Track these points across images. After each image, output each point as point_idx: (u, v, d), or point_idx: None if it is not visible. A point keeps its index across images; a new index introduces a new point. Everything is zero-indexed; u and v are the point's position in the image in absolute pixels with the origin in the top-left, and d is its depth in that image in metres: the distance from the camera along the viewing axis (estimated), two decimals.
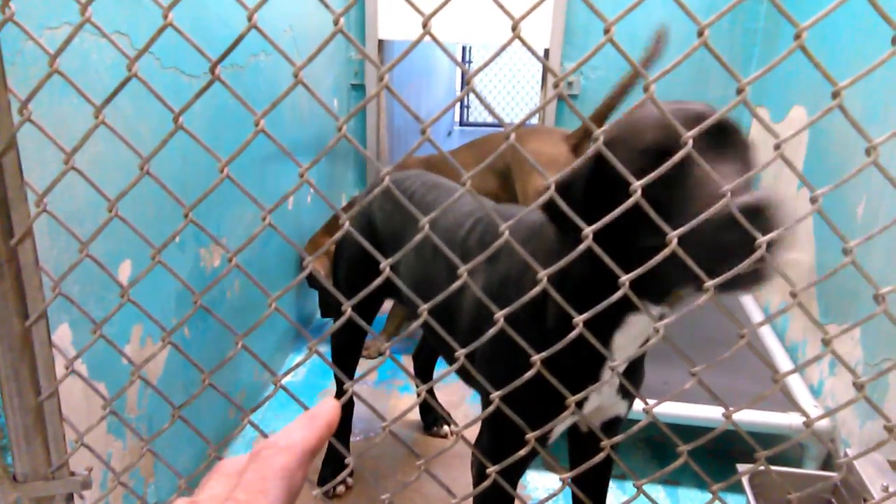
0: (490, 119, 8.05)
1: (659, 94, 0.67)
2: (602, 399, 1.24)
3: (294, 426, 0.44)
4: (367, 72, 3.31)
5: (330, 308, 2.95)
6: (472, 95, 7.90)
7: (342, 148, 3.28)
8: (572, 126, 2.95)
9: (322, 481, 2.02)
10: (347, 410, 2.01)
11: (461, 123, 8.11)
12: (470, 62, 8.08)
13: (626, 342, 1.10)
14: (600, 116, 2.37)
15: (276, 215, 2.38)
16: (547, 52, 3.18)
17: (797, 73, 2.68)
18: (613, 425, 1.33)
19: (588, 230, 0.71)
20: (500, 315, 0.77)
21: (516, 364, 0.78)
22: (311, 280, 2.83)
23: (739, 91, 0.64)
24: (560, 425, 1.25)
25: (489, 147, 2.61)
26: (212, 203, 1.87)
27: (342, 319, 0.77)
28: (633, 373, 1.26)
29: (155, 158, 0.76)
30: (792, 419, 1.95)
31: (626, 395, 1.27)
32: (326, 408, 0.46)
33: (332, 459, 2.05)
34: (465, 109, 8.16)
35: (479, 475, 1.37)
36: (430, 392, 2.36)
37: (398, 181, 1.73)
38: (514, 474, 1.30)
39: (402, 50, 4.40)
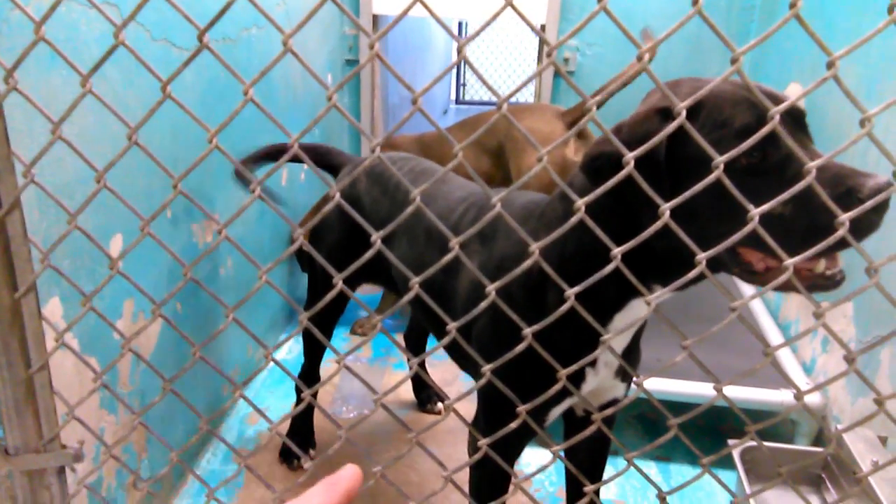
0: (486, 97, 8.00)
1: (655, 71, 0.67)
2: (600, 380, 1.23)
3: (314, 491, 0.44)
4: (361, 47, 3.28)
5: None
6: (468, 74, 7.86)
7: (336, 125, 3.26)
8: (569, 104, 2.94)
9: (285, 454, 2.04)
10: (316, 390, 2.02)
11: (457, 102, 8.07)
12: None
13: (624, 325, 1.10)
14: (599, 101, 2.34)
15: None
16: (543, 27, 3.15)
17: (794, 50, 2.66)
18: (610, 408, 1.33)
19: (581, 202, 0.71)
20: (491, 287, 0.76)
21: (514, 344, 0.78)
22: (303, 263, 2.81)
23: (734, 61, 0.63)
24: (557, 407, 1.24)
25: (482, 125, 2.58)
26: (204, 180, 1.86)
27: (333, 292, 0.77)
28: (630, 354, 1.26)
29: (146, 133, 0.75)
30: (784, 396, 1.96)
31: (625, 377, 1.27)
32: (347, 474, 0.46)
33: (296, 432, 2.06)
34: (462, 88, 8.11)
35: (479, 462, 1.36)
36: (424, 369, 2.36)
37: (384, 166, 1.68)
38: (511, 454, 1.30)
39: (396, 26, 4.36)
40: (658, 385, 1.98)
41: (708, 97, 0.93)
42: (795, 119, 0.96)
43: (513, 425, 0.83)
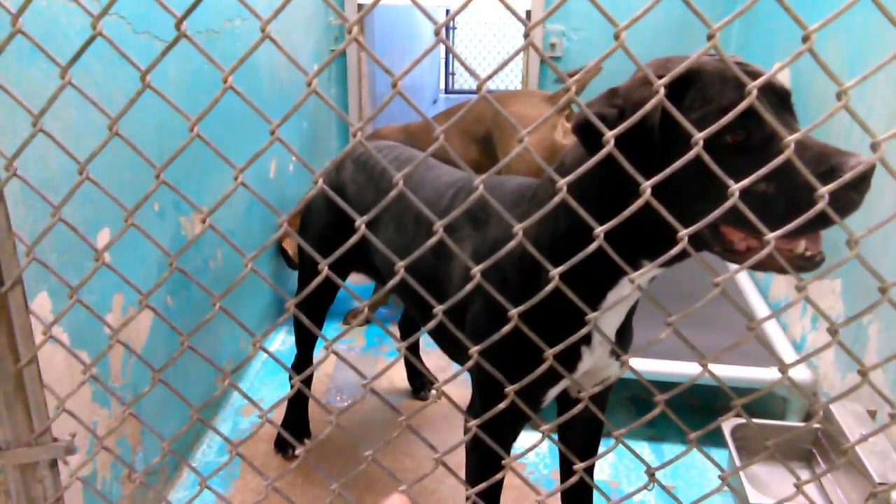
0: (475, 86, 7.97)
1: (640, 53, 0.67)
2: (596, 359, 1.24)
3: None
4: (346, 37, 3.27)
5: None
6: (456, 63, 7.83)
7: (324, 117, 3.25)
8: (556, 88, 2.93)
9: (280, 444, 2.05)
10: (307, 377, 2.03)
11: (446, 91, 8.04)
12: (454, 28, 7.98)
13: (617, 301, 1.10)
14: (580, 84, 2.33)
15: (257, 184, 2.36)
16: (529, 13, 3.15)
17: (779, 30, 2.67)
18: (605, 388, 1.33)
19: (562, 182, 0.71)
20: (476, 270, 0.76)
21: (509, 330, 0.78)
22: (290, 261, 2.79)
23: (710, 37, 0.63)
24: (553, 388, 1.25)
25: (469, 113, 2.56)
26: (191, 172, 1.85)
27: (319, 278, 0.77)
28: (623, 332, 1.27)
29: (131, 127, 0.75)
30: (775, 373, 1.97)
31: (619, 356, 1.28)
32: None
33: (291, 422, 2.07)
34: (451, 77, 8.08)
35: (475, 442, 1.36)
36: (418, 357, 2.36)
37: (368, 154, 1.67)
38: (506, 437, 1.31)
39: (383, 15, 4.33)
40: (652, 366, 1.99)
41: (699, 74, 0.93)
42: (781, 99, 0.96)
43: (501, 405, 0.83)
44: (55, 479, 0.96)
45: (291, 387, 0.81)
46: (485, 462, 1.32)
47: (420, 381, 2.36)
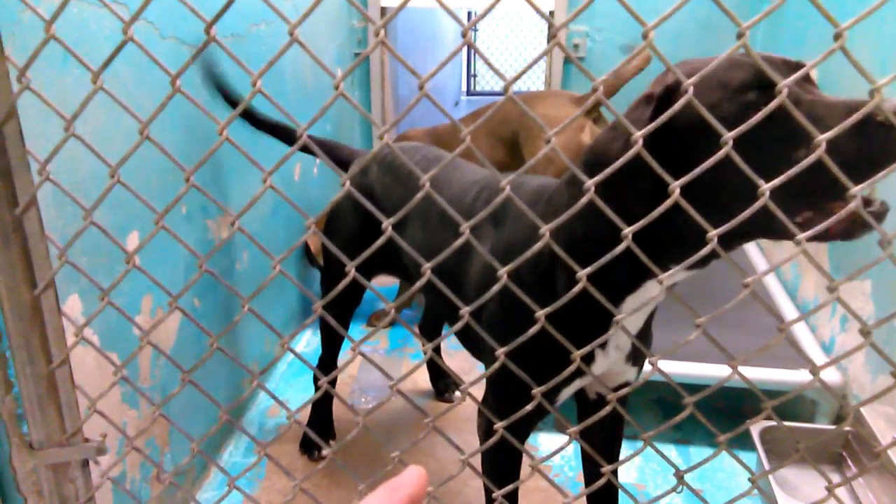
0: (498, 87, 7.97)
1: (667, 52, 0.66)
2: (610, 364, 1.23)
3: (373, 499, 0.40)
4: (370, 40, 3.28)
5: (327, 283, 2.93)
6: (478, 65, 7.84)
7: (348, 119, 3.26)
8: (579, 90, 2.92)
9: (305, 445, 2.06)
10: (333, 377, 2.02)
11: (468, 93, 8.04)
12: (476, 30, 7.99)
13: (637, 307, 1.09)
14: (611, 88, 2.30)
15: (283, 187, 2.38)
16: (552, 14, 3.14)
17: (808, 28, 2.64)
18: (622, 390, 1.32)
19: (590, 182, 0.71)
20: (503, 271, 0.76)
21: (524, 327, 0.78)
22: (312, 259, 2.80)
23: (739, 36, 0.63)
24: (567, 389, 1.24)
25: (495, 114, 2.54)
26: (218, 176, 1.87)
27: (346, 280, 0.78)
28: (643, 337, 1.26)
29: (159, 130, 0.76)
30: (804, 375, 1.95)
31: (636, 362, 1.27)
32: (409, 477, 0.41)
33: (316, 423, 2.07)
34: (472, 78, 8.08)
35: (486, 435, 1.37)
36: (440, 358, 2.37)
37: (395, 154, 1.67)
38: (520, 433, 1.31)
39: (406, 17, 4.34)
40: (679, 368, 1.98)
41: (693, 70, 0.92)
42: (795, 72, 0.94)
43: (528, 408, 0.83)
44: (86, 479, 0.97)
45: (318, 388, 0.81)
46: (502, 459, 1.34)
47: (444, 383, 2.36)
